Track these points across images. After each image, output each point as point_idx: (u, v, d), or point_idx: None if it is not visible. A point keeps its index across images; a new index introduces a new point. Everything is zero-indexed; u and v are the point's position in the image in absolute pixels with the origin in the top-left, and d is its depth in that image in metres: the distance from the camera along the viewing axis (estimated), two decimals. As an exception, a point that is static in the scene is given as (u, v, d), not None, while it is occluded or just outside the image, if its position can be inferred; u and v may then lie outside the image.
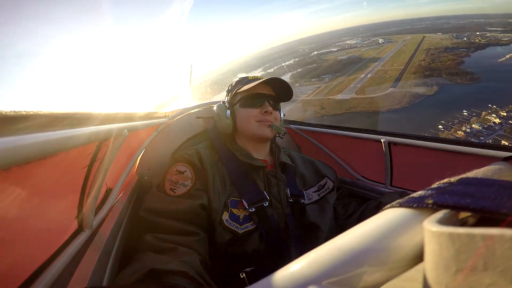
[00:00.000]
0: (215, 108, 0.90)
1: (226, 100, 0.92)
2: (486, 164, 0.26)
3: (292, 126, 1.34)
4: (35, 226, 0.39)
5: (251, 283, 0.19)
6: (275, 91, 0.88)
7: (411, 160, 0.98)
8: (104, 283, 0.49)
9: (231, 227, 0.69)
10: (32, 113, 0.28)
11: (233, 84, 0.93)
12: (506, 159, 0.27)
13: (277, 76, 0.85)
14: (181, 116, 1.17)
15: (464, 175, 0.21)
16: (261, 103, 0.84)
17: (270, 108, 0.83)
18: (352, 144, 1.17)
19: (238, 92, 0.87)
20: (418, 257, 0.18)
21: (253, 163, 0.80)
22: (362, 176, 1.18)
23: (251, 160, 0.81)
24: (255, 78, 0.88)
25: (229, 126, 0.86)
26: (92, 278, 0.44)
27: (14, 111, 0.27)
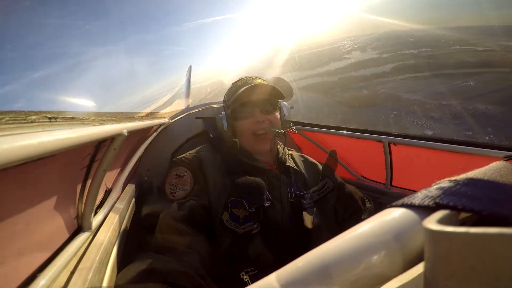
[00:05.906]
0: (216, 118, 0.90)
1: (223, 110, 0.92)
2: (486, 164, 0.26)
3: (292, 126, 1.34)
4: (34, 226, 0.39)
5: (251, 283, 0.19)
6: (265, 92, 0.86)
7: (411, 160, 0.98)
8: (104, 283, 0.49)
9: (231, 227, 0.69)
10: (32, 112, 0.28)
11: (226, 93, 0.92)
12: (506, 159, 0.27)
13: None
14: (181, 116, 1.17)
15: (464, 175, 0.21)
16: (252, 113, 0.83)
17: (261, 117, 0.82)
18: (352, 144, 1.17)
19: (230, 105, 0.87)
20: (418, 257, 0.18)
21: (254, 163, 0.80)
22: (362, 176, 1.18)
23: (252, 161, 0.81)
24: (243, 83, 0.86)
25: (230, 137, 0.86)
26: (92, 278, 0.44)
27: (14, 111, 0.27)
